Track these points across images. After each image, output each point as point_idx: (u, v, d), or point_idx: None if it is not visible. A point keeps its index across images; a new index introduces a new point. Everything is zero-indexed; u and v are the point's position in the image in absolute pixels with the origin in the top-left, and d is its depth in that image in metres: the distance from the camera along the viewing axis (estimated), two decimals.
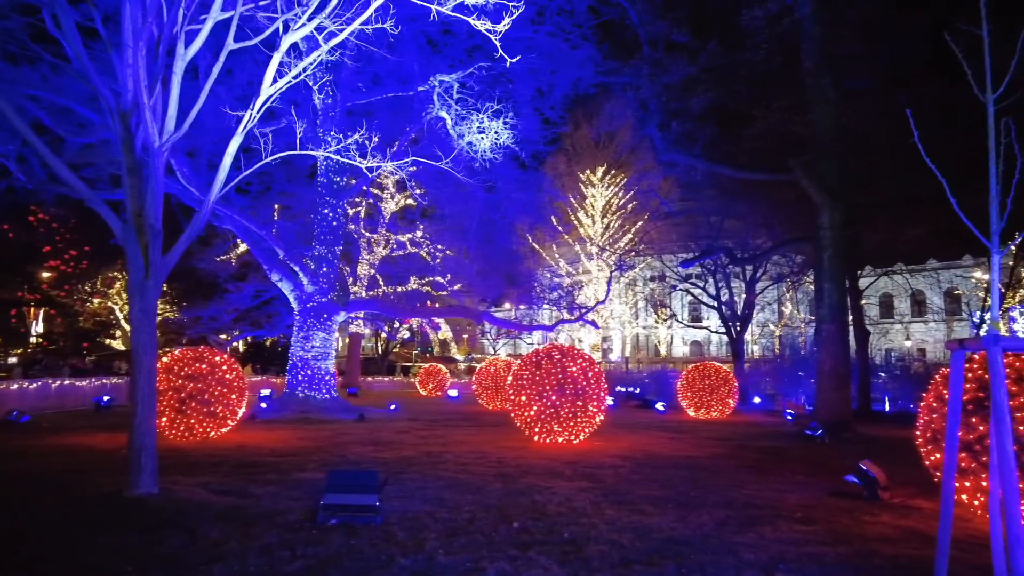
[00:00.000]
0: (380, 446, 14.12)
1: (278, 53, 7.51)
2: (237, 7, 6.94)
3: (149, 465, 7.49)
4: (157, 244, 7.37)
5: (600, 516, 8.02)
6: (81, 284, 50.41)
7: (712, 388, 24.13)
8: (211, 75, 7.17)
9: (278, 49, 7.42)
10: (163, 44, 7.19)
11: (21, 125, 7.16)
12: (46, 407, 18.89)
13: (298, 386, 20.45)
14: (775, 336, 48.66)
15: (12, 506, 7.39)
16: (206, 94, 7.34)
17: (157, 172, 7.33)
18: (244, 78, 19.36)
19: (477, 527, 7.23)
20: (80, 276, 50.50)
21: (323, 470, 10.56)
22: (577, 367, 14.36)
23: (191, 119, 7.37)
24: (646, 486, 10.30)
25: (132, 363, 7.69)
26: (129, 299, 7.53)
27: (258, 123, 20.37)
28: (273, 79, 7.63)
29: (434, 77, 19.51)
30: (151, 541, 6.09)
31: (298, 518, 7.16)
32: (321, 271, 20.95)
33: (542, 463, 12.03)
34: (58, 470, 9.79)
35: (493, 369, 25.71)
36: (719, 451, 14.82)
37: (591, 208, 37.62)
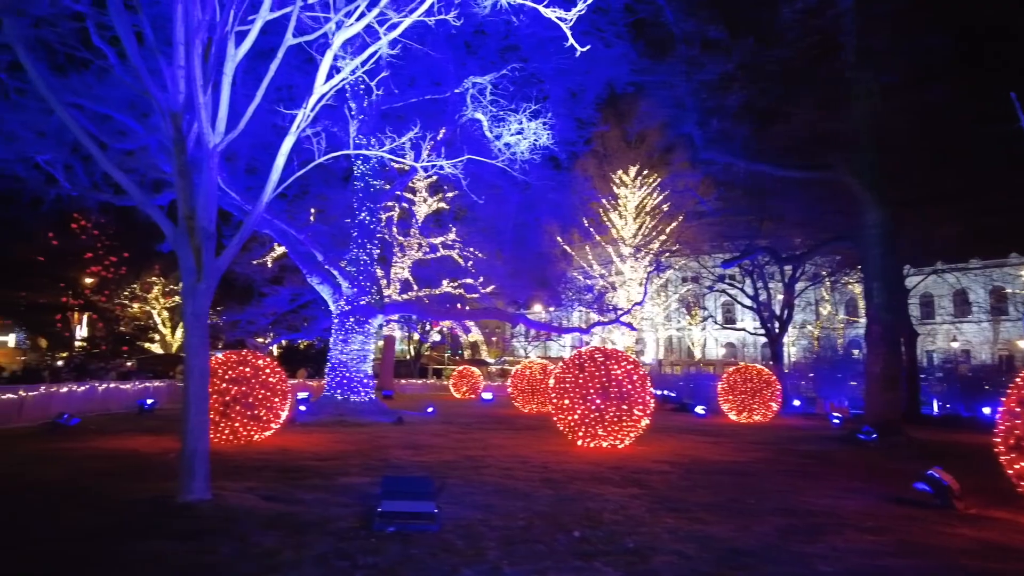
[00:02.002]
0: (420, 450, 13.98)
1: (330, 51, 7.42)
2: (296, 3, 6.85)
3: (201, 470, 7.42)
4: (210, 247, 7.31)
5: (659, 524, 7.74)
6: (120, 289, 51.52)
7: (754, 391, 23.57)
8: (268, 74, 7.10)
9: (330, 47, 7.32)
10: (214, 45, 7.14)
11: (80, 133, 7.17)
12: (92, 410, 19.18)
13: (336, 389, 20.47)
14: (813, 338, 47.53)
15: (65, 509, 7.38)
16: (262, 92, 7.27)
17: (211, 173, 7.27)
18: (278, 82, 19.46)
19: (535, 535, 7.01)
20: (119, 281, 51.63)
21: (367, 475, 10.44)
22: (622, 370, 14.06)
23: (247, 118, 7.31)
24: (699, 492, 9.99)
25: (184, 366, 7.63)
26: (182, 302, 7.48)
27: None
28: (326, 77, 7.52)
29: (467, 79, 19.41)
30: (202, 549, 5.98)
31: (350, 525, 7.01)
32: (358, 274, 20.97)
33: (587, 468, 11.76)
34: (107, 473, 9.82)
35: (529, 372, 25.48)
36: (766, 456, 14.40)
37: (623, 209, 37.17)
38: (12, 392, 16.44)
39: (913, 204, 20.92)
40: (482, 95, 18.89)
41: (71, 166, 18.61)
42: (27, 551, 5.96)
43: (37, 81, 7.09)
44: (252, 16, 7.80)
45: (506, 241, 24.85)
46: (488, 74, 19.72)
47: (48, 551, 5.94)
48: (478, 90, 19.11)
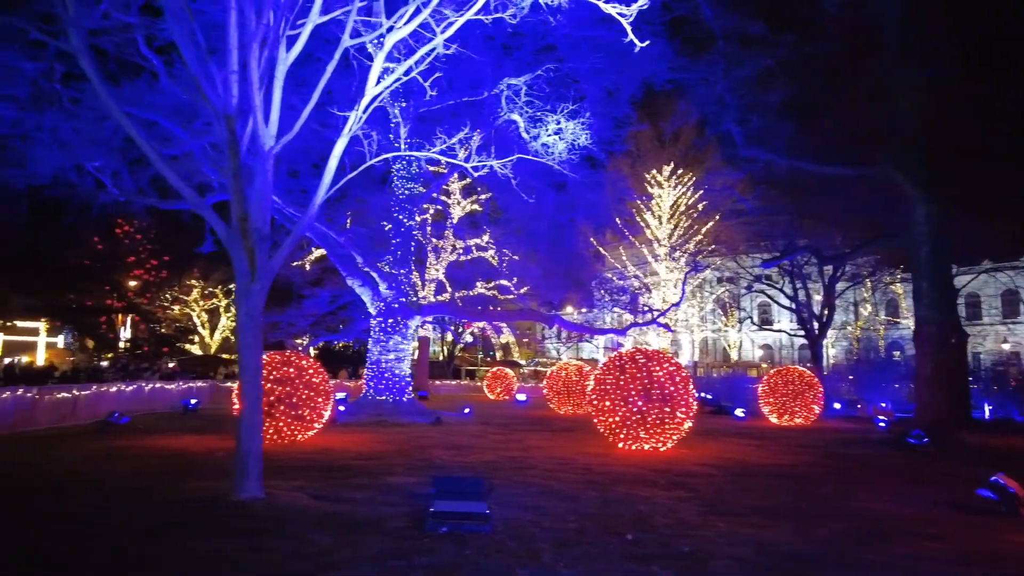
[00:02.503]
0: (460, 450, 14.00)
1: (382, 52, 7.47)
2: (355, 4, 6.92)
3: (255, 469, 7.52)
4: (264, 247, 7.41)
5: (711, 528, 7.60)
6: (161, 292, 52.92)
7: (796, 393, 23.07)
8: (325, 75, 7.18)
9: (382, 48, 7.36)
10: (267, 49, 7.24)
11: (140, 140, 7.34)
12: (138, 409, 19.66)
13: (375, 389, 20.65)
14: (853, 339, 46.40)
15: (122, 507, 7.54)
16: (318, 95, 7.35)
17: (265, 176, 7.38)
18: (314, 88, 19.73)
19: (587, 538, 6.93)
20: (160, 284, 53.06)
21: (412, 475, 10.49)
22: (663, 371, 13.88)
23: (302, 120, 7.40)
24: (748, 496, 9.80)
25: (239, 366, 7.75)
26: (236, 302, 7.59)
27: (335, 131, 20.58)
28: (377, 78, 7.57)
29: (502, 81, 19.39)
30: (260, 547, 6.05)
31: (402, 525, 7.03)
32: (397, 276, 21.13)
33: (631, 471, 11.63)
34: (159, 471, 10.03)
35: (564, 373, 25.35)
36: (813, 460, 14.07)
37: (658, 208, 36.79)
38: (66, 391, 16.95)
39: (963, 200, 20.28)
40: (517, 96, 18.85)
41: (118, 172, 19.14)
42: (97, 546, 6.10)
43: (100, 90, 7.28)
44: (301, 21, 7.90)
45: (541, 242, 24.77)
46: (523, 75, 19.68)
47: (116, 547, 6.07)
48: (513, 91, 19.08)
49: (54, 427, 15.96)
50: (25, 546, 6.08)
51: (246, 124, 7.35)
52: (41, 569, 5.51)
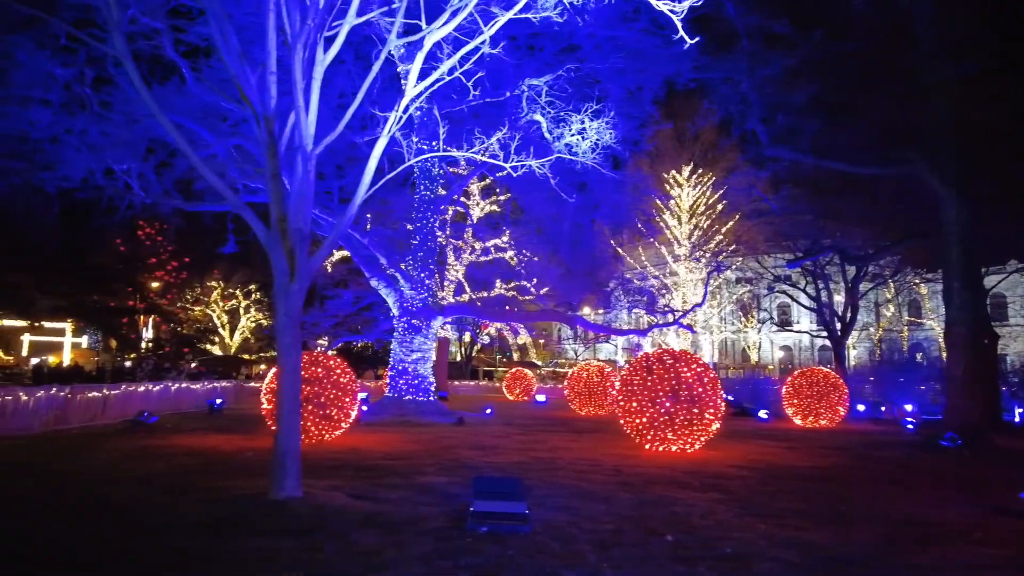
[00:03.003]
0: (486, 451, 13.98)
1: (421, 52, 7.48)
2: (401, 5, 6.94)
3: (293, 468, 7.55)
4: (304, 248, 7.45)
5: (750, 530, 7.52)
6: (182, 293, 53.56)
7: (821, 395, 22.82)
8: (369, 75, 7.20)
9: (421, 49, 7.38)
10: (307, 50, 7.27)
11: (181, 141, 7.40)
12: (165, 408, 19.86)
13: (398, 390, 20.71)
14: (876, 340, 45.81)
15: (164, 505, 7.60)
16: (362, 95, 7.37)
17: (307, 176, 7.42)
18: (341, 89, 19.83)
19: (627, 539, 6.88)
20: (181, 286, 53.74)
21: (444, 475, 10.49)
22: (691, 372, 13.77)
23: (345, 121, 7.44)
24: (783, 498, 9.69)
25: (277, 366, 7.79)
26: (274, 302, 7.64)
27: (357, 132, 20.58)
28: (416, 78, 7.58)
29: (523, 81, 19.37)
30: (307, 547, 6.06)
31: (441, 524, 7.02)
32: (419, 277, 21.19)
33: (662, 472, 11.55)
34: (194, 470, 10.10)
35: (586, 374, 25.25)
36: (844, 462, 13.90)
37: (677, 209, 36.57)
38: (97, 391, 17.16)
39: (993, 200, 19.95)
40: (539, 96, 18.83)
41: (144, 174, 19.39)
42: (146, 544, 6.14)
43: (143, 92, 7.35)
44: (337, 22, 7.93)
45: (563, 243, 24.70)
46: (544, 76, 19.65)
47: (167, 545, 6.11)
48: (535, 92, 19.05)
49: (86, 426, 16.16)
50: (74, 542, 6.15)
51: (284, 125, 7.38)
52: (94, 565, 5.57)
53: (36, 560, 5.67)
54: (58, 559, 5.70)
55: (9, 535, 6.34)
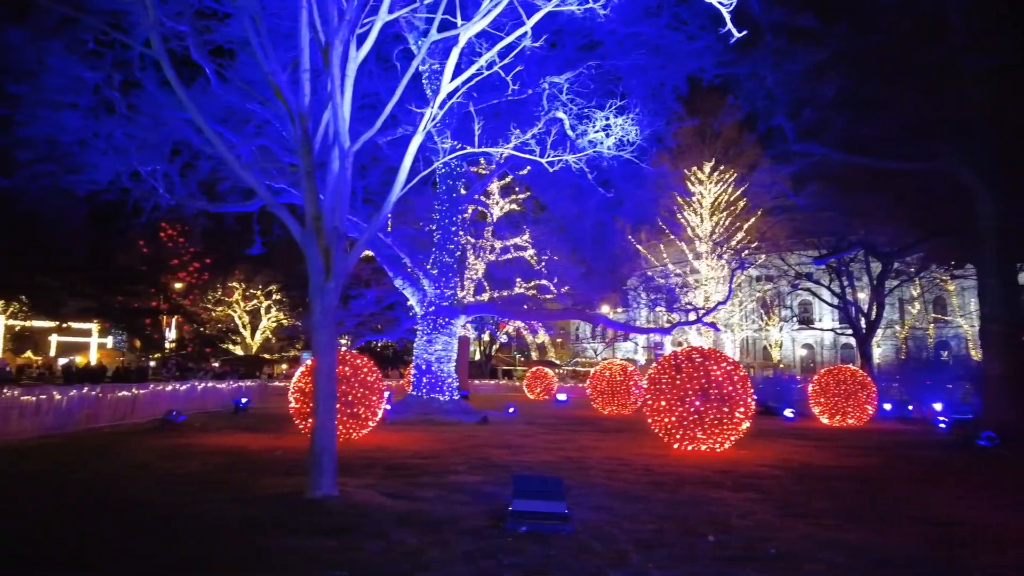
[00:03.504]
0: (514, 450, 13.92)
1: (457, 47, 7.44)
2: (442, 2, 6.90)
3: (329, 467, 7.54)
4: (340, 246, 7.43)
5: (791, 531, 7.39)
6: (204, 294, 54.24)
7: (848, 393, 22.50)
8: (408, 70, 7.17)
9: (456, 44, 7.33)
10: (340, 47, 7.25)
11: (216, 140, 7.42)
12: (192, 407, 20.04)
13: (422, 388, 20.73)
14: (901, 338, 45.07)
15: (202, 503, 7.61)
16: (402, 90, 7.34)
17: (344, 173, 7.40)
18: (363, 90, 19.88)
19: (669, 539, 6.78)
20: (203, 287, 54.46)
21: (475, 473, 10.44)
22: (721, 370, 13.60)
23: (384, 117, 7.41)
24: (819, 498, 9.53)
25: (313, 364, 7.78)
26: (310, 301, 7.63)
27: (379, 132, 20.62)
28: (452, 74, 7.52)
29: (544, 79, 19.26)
30: (349, 546, 6.04)
31: (480, 524, 6.96)
32: (441, 276, 21.20)
33: (693, 472, 11.41)
34: (227, 468, 10.15)
35: (608, 373, 25.10)
36: (878, 462, 13.67)
37: (699, 205, 36.23)
38: (127, 390, 17.36)
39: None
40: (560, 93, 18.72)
41: (169, 176, 19.57)
42: (191, 543, 6.16)
43: (179, 91, 7.38)
44: (367, 19, 7.90)
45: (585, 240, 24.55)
46: (565, 73, 19.53)
47: (211, 544, 6.12)
48: (557, 89, 18.95)
49: (116, 425, 16.35)
50: (119, 541, 6.18)
51: (316, 125, 7.37)
52: (143, 563, 5.58)
53: (85, 559, 5.70)
54: (106, 558, 5.72)
55: (57, 534, 6.38)
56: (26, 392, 13.75)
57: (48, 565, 5.55)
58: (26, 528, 6.58)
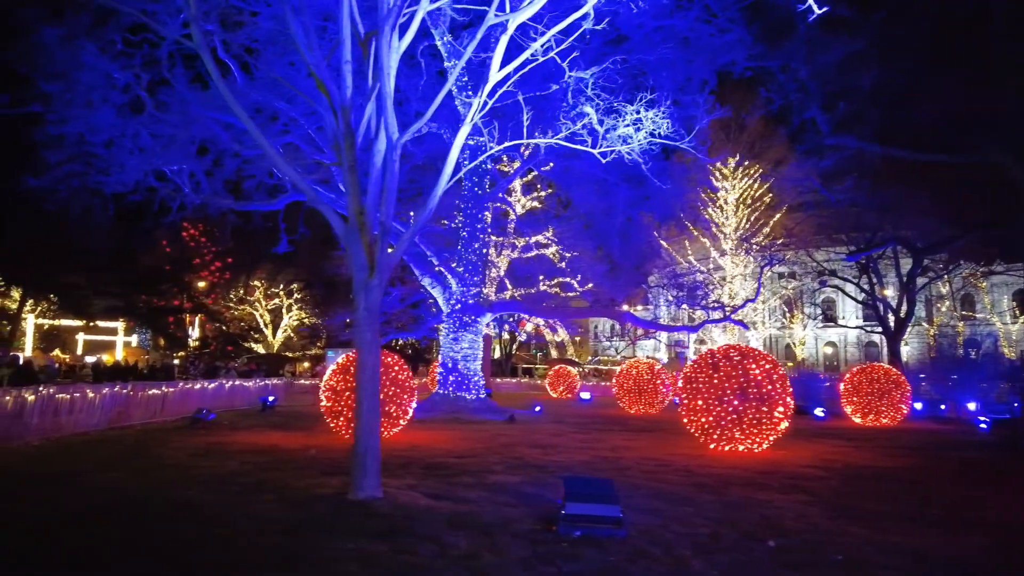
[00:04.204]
0: (547, 449, 13.72)
1: (505, 36, 7.25)
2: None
3: (373, 468, 7.39)
4: (386, 242, 7.27)
5: (849, 535, 7.13)
6: (226, 293, 54.63)
7: (882, 392, 22.02)
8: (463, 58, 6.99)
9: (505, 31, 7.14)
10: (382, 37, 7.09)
11: (256, 132, 7.28)
12: (219, 406, 20.04)
13: (448, 387, 20.61)
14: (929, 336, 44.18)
15: (243, 506, 7.47)
16: (453, 79, 7.16)
17: (392, 166, 7.25)
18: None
19: (726, 544, 6.55)
20: (224, 285, 54.88)
21: (514, 473, 10.26)
22: (760, 369, 13.28)
23: (434, 108, 7.24)
24: (871, 500, 9.22)
25: (356, 363, 7.63)
26: (354, 298, 7.48)
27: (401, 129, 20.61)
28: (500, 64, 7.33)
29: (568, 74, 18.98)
30: (401, 549, 5.88)
31: (530, 527, 6.78)
32: (467, 274, 21.05)
33: (735, 473, 11.13)
34: (264, 469, 10.04)
35: (635, 372, 24.78)
36: (922, 463, 13.29)
37: (723, 202, 35.72)
38: (157, 388, 17.40)
39: None
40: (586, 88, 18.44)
41: (195, 175, 19.60)
42: (241, 544, 6.03)
43: (220, 86, 7.25)
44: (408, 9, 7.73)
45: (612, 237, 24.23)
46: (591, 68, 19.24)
47: (261, 546, 5.98)
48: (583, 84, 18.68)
49: (146, 423, 16.39)
50: (167, 542, 6.07)
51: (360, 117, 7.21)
52: (195, 565, 5.46)
53: (142, 559, 5.60)
54: (157, 559, 5.61)
55: (110, 535, 6.29)
56: (61, 390, 13.79)
57: (106, 565, 5.45)
58: (79, 528, 6.50)
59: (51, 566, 5.42)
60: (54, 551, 5.79)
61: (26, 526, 6.54)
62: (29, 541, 6.07)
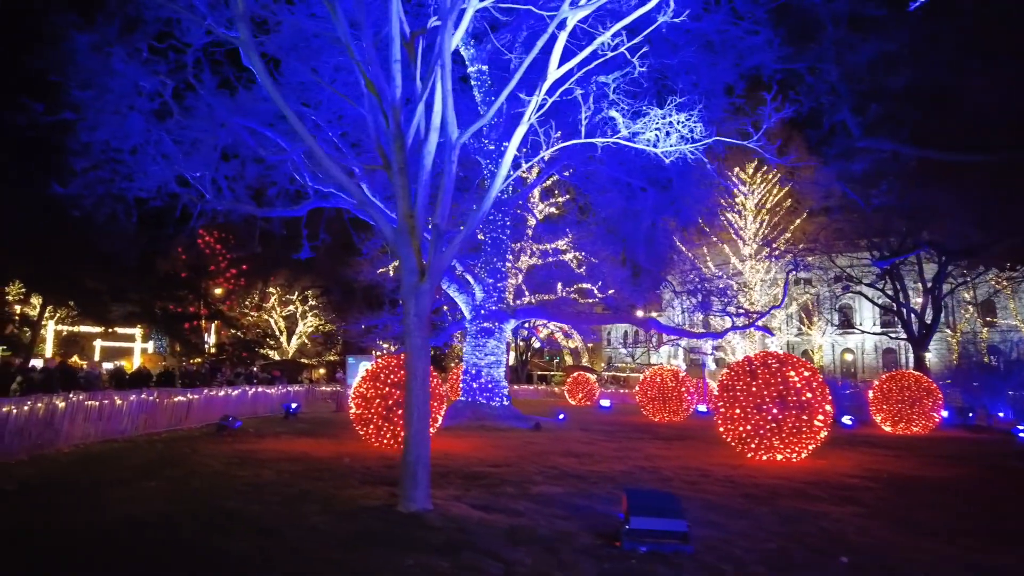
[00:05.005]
0: (581, 458, 13.45)
1: (564, 32, 7.05)
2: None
3: (424, 480, 7.15)
4: (439, 245, 7.06)
5: (922, 551, 6.83)
6: (241, 299, 54.73)
7: (913, 400, 21.63)
8: (530, 54, 6.80)
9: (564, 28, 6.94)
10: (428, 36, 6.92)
11: (304, 132, 7.11)
12: (243, 412, 19.89)
13: (472, 394, 20.37)
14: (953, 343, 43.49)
15: (290, 518, 7.23)
16: (519, 76, 6.97)
17: (451, 167, 7.05)
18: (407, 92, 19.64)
19: (798, 560, 6.27)
20: (239, 292, 55.03)
21: (554, 484, 9.99)
22: (799, 376, 12.96)
23: (497, 105, 7.04)
24: (930, 513, 8.92)
25: (406, 370, 7.42)
26: (403, 303, 7.27)
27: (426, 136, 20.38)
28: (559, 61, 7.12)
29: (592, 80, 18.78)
30: (466, 566, 5.63)
31: (591, 542, 6.52)
32: (491, 280, 20.84)
33: (780, 483, 10.82)
34: (302, 478, 9.82)
35: (660, 379, 24.44)
36: (971, 472, 12.96)
37: (742, 207, 35.35)
38: (182, 395, 17.26)
39: None
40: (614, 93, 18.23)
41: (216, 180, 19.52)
42: (298, 558, 5.80)
43: (267, 83, 7.08)
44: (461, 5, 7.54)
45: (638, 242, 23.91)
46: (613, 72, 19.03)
47: (322, 558, 5.76)
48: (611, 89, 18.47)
49: (173, 430, 16.24)
50: (220, 555, 5.85)
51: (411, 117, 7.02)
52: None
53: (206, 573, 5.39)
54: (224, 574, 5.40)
55: (162, 545, 6.08)
56: (91, 397, 13.66)
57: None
58: (135, 537, 6.28)
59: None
60: (118, 560, 5.61)
61: (84, 535, 6.34)
62: (91, 550, 5.89)
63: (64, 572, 5.38)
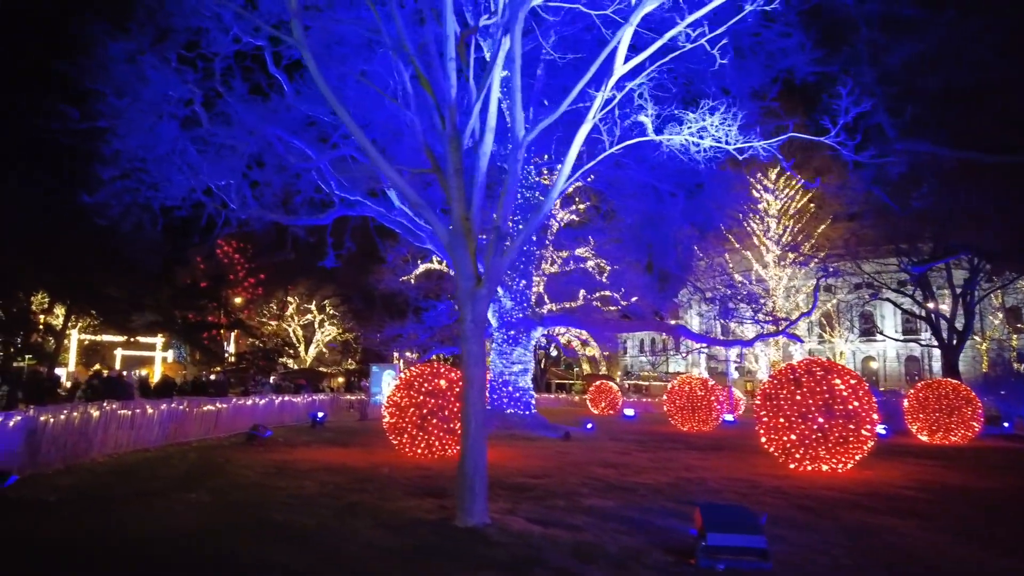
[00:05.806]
0: (620, 469, 13.14)
1: (629, 27, 6.85)
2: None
3: (482, 493, 6.89)
4: (499, 248, 6.84)
5: (1011, 570, 6.46)
6: (259, 308, 54.85)
7: (952, 409, 21.12)
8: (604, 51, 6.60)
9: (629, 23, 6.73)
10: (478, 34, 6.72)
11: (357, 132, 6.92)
12: (270, 422, 19.69)
13: (500, 402, 20.10)
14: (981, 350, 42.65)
15: (342, 532, 6.98)
16: (588, 77, 6.76)
17: (516, 167, 6.85)
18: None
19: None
20: (258, 301, 55.17)
21: (604, 496, 9.70)
22: (846, 385, 12.59)
23: (565, 105, 6.83)
24: (1001, 528, 8.53)
25: (463, 377, 7.17)
26: (459, 308, 7.04)
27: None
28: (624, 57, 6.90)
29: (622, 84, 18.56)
30: None
31: (663, 559, 6.23)
32: (518, 287, 20.60)
33: (833, 495, 10.47)
34: (345, 489, 9.57)
35: (688, 388, 24.03)
36: (1016, 483, 12.53)
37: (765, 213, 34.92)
38: (211, 404, 17.12)
39: None
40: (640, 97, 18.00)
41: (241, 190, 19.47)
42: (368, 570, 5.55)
43: (320, 84, 6.90)
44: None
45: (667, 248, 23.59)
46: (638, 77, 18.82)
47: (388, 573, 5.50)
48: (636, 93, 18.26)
49: (202, 439, 16.10)
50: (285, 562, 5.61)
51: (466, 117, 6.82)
52: None
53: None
54: None
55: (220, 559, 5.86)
56: (124, 406, 13.53)
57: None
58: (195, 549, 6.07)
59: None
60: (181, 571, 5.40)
61: (132, 549, 6.14)
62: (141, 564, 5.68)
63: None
